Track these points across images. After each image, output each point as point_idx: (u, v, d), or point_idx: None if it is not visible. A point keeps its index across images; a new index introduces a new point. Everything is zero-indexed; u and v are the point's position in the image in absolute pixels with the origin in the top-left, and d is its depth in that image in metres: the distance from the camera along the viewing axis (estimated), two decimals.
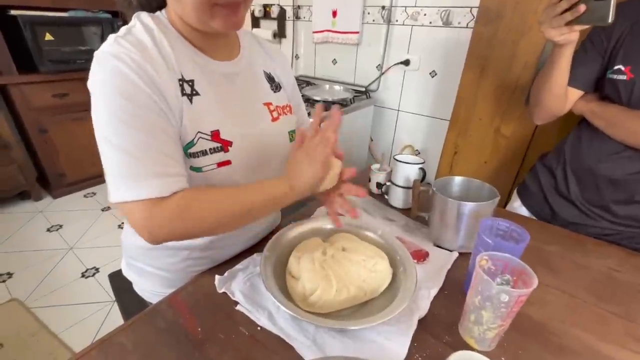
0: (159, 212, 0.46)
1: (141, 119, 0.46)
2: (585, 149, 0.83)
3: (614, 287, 0.64)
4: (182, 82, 0.51)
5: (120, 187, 0.46)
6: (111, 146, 0.45)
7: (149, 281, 0.68)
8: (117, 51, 0.45)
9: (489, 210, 0.67)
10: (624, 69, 0.72)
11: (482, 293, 0.45)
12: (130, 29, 0.50)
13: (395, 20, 1.64)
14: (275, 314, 0.53)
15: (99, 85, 0.46)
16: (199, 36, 0.55)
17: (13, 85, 1.93)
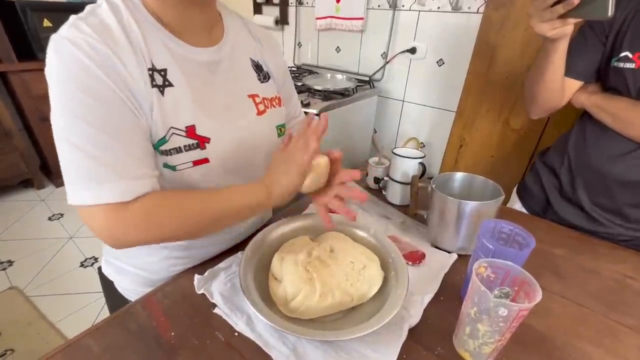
0: (121, 218, 0.43)
1: (101, 115, 0.41)
2: (591, 149, 0.75)
3: (627, 296, 0.59)
4: (152, 71, 0.46)
5: (79, 189, 0.41)
6: (68, 144, 0.41)
7: (128, 280, 0.65)
8: (75, 36, 0.40)
9: (492, 210, 0.62)
10: (631, 56, 0.65)
11: (478, 305, 0.41)
12: (95, 9, 0.44)
13: (402, 6, 1.55)
14: (254, 318, 0.50)
15: (55, 75, 0.41)
16: (174, 15, 0.49)
17: (13, 72, 1.91)
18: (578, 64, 0.73)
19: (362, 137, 1.78)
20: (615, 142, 0.71)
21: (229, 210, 0.49)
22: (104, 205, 0.42)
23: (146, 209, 0.44)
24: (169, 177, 0.50)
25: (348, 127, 1.61)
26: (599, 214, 0.76)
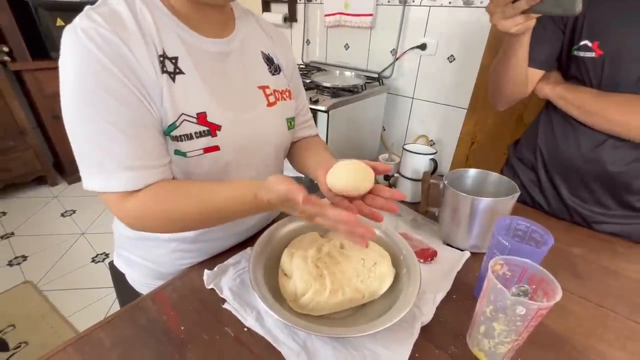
0: (129, 206, 0.45)
1: (109, 107, 0.42)
2: (562, 145, 0.74)
3: None
4: (163, 58, 0.46)
5: (91, 176, 0.44)
6: (77, 132, 0.43)
7: (138, 272, 0.65)
8: (87, 26, 0.41)
9: (507, 207, 0.60)
10: (591, 45, 0.64)
11: (494, 303, 0.40)
12: (106, 1, 0.45)
13: (412, 1, 1.53)
14: (263, 314, 0.49)
15: (68, 66, 0.42)
16: (189, 9, 0.49)
17: (27, 71, 1.95)
18: (539, 53, 0.72)
19: (371, 135, 1.77)
20: (584, 135, 0.70)
21: (226, 210, 0.48)
22: (113, 193, 0.45)
23: (145, 203, 0.46)
24: (180, 164, 0.50)
25: (357, 125, 1.59)
26: (582, 207, 0.75)
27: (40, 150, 2.18)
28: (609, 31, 0.63)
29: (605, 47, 0.63)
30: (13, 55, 1.91)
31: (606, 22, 0.63)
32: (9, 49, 1.89)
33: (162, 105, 0.46)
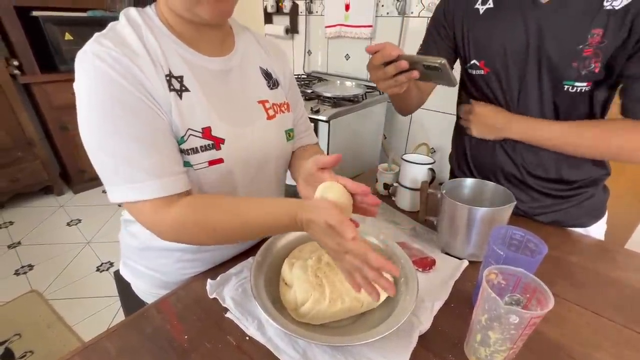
0: (165, 216, 0.47)
1: (128, 120, 0.45)
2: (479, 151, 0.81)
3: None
4: (169, 77, 0.49)
5: (120, 189, 0.46)
6: (102, 150, 0.45)
7: (143, 281, 0.67)
8: (98, 50, 0.44)
9: (503, 216, 0.61)
10: (479, 64, 0.71)
11: (489, 312, 0.41)
12: (115, 26, 0.48)
13: (411, 12, 1.56)
14: (265, 323, 0.50)
15: (83, 88, 0.44)
16: (188, 29, 0.52)
17: (36, 84, 2.00)
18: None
19: (371, 143, 1.79)
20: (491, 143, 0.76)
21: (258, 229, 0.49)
22: (147, 202, 0.46)
23: (183, 216, 0.47)
24: (188, 175, 0.52)
25: (358, 133, 1.61)
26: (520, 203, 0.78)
27: (47, 160, 2.23)
28: (491, 50, 0.68)
29: (491, 65, 0.69)
30: (23, 69, 1.97)
31: (487, 42, 0.68)
32: (19, 63, 1.95)
33: (172, 121, 0.49)
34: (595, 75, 0.60)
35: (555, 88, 0.64)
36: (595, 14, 0.57)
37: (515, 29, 0.65)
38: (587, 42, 0.59)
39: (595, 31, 0.58)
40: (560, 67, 0.62)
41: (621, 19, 0.56)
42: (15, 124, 2.03)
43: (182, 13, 0.49)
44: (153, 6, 0.52)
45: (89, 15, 2.08)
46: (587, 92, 0.63)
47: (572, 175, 0.73)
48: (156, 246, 0.60)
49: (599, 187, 0.77)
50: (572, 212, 0.77)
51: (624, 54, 0.58)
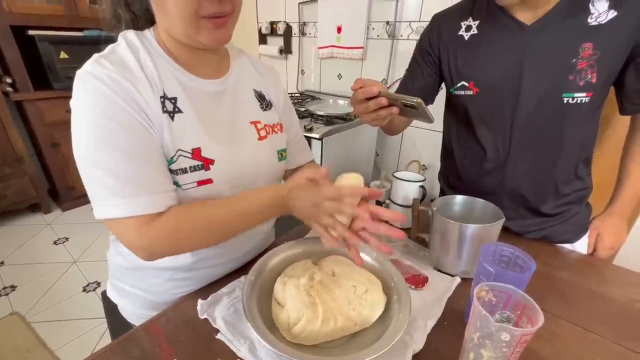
0: (153, 229, 0.47)
1: (123, 138, 0.46)
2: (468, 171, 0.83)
3: (636, 321, 0.58)
4: (163, 99, 0.50)
5: (104, 204, 0.46)
6: (92, 166, 0.46)
7: (131, 303, 0.65)
8: (98, 71, 0.45)
9: (493, 233, 0.62)
10: (468, 85, 0.74)
11: (480, 329, 0.41)
12: (115, 48, 0.50)
13: (400, 35, 1.63)
14: (257, 344, 0.49)
15: (80, 106, 0.45)
16: (185, 52, 0.54)
17: (29, 101, 2.00)
18: (415, 89, 0.83)
19: (364, 161, 1.81)
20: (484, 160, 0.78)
21: (251, 222, 0.53)
22: (131, 218, 0.46)
23: (175, 221, 0.48)
24: (178, 194, 0.53)
25: (350, 151, 1.64)
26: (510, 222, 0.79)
27: (36, 177, 2.19)
28: (481, 71, 0.72)
29: (480, 86, 0.72)
30: (16, 86, 1.97)
31: (476, 65, 0.72)
32: (12, 80, 1.95)
33: (164, 141, 0.50)
34: (592, 86, 0.63)
35: (555, 100, 0.66)
36: (581, 30, 0.62)
37: (505, 50, 0.68)
38: (579, 56, 0.62)
39: (585, 45, 0.62)
40: (557, 81, 0.65)
41: (612, 29, 0.60)
42: (5, 141, 2.00)
43: (182, 39, 0.51)
44: (152, 29, 0.54)
45: (85, 35, 2.11)
46: (585, 103, 0.65)
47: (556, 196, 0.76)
48: (147, 265, 0.59)
49: (582, 205, 0.79)
50: (559, 228, 0.78)
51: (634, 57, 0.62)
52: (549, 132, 0.70)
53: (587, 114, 0.68)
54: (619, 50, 0.62)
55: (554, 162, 0.73)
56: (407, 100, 0.54)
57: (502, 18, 0.68)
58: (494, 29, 0.70)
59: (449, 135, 0.87)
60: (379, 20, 1.66)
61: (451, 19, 0.76)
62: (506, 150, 0.74)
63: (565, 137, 0.70)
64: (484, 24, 0.71)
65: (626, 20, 0.59)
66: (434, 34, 0.78)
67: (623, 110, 0.70)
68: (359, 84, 0.60)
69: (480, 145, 0.77)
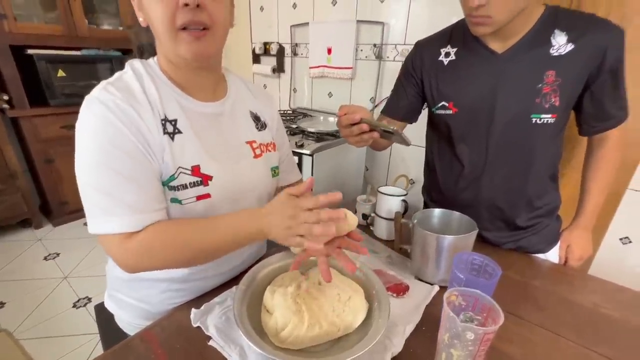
0: (129, 245, 0.50)
1: (122, 162, 0.50)
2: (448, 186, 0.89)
3: (599, 325, 0.62)
4: (164, 121, 0.55)
5: (97, 221, 0.50)
6: (90, 184, 0.50)
7: (128, 313, 0.68)
8: (105, 98, 0.50)
9: (468, 243, 0.67)
10: (448, 105, 0.81)
11: (450, 330, 0.45)
12: (122, 75, 0.55)
13: (387, 57, 1.72)
14: (247, 350, 0.53)
15: (86, 129, 0.50)
16: (181, 74, 0.59)
17: (24, 117, 2.03)
18: (401, 107, 0.91)
19: (354, 175, 1.87)
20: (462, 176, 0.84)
21: (224, 241, 0.54)
22: (116, 234, 0.50)
23: (149, 239, 0.51)
24: (176, 210, 0.57)
25: (340, 166, 1.69)
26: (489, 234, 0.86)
27: (28, 193, 2.19)
28: (460, 93, 0.79)
29: (459, 106, 0.79)
30: (12, 103, 2.00)
31: (455, 88, 0.79)
32: (9, 97, 1.98)
33: (164, 161, 0.54)
34: (556, 108, 0.71)
35: (524, 121, 0.73)
36: (545, 59, 0.69)
37: (480, 75, 0.75)
38: (544, 82, 0.70)
39: (549, 72, 0.69)
40: (526, 104, 0.72)
41: (571, 59, 0.67)
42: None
43: (170, 57, 0.56)
44: (155, 58, 0.60)
45: (83, 54, 2.17)
46: (551, 124, 0.72)
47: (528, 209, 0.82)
48: (144, 277, 0.62)
49: (553, 217, 0.85)
50: (532, 239, 0.84)
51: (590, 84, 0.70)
52: (520, 149, 0.76)
53: (553, 133, 0.75)
54: (577, 78, 0.69)
55: (525, 177, 0.79)
56: (385, 127, 0.61)
57: (477, 47, 0.75)
58: (470, 56, 0.77)
59: (431, 152, 0.94)
60: (366, 42, 1.76)
61: (432, 46, 0.83)
62: (482, 165, 0.80)
63: (535, 154, 0.76)
64: (461, 51, 0.78)
65: (582, 53, 0.67)
66: (417, 58, 0.85)
67: (581, 131, 0.78)
68: (344, 111, 0.67)
69: (459, 161, 0.83)
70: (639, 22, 0.85)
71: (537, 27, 0.69)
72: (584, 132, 0.78)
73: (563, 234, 0.87)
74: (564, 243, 0.86)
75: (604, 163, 0.79)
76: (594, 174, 0.81)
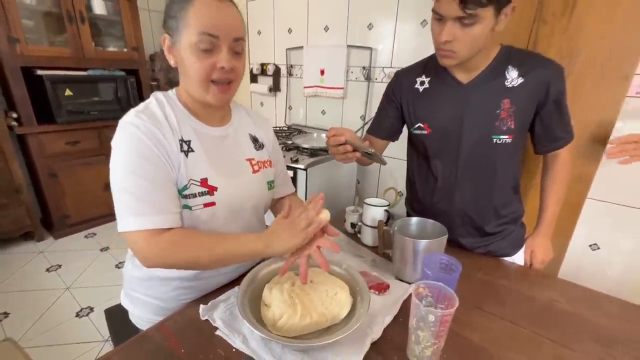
0: (156, 242, 0.60)
1: (149, 171, 0.61)
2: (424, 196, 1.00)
3: (552, 316, 0.72)
4: (181, 141, 0.67)
5: (129, 220, 0.60)
6: (123, 190, 0.61)
7: (143, 309, 0.78)
8: (136, 122, 0.62)
9: (440, 246, 0.77)
10: (423, 126, 0.93)
11: (416, 315, 0.55)
12: (148, 105, 0.67)
13: (375, 79, 1.86)
14: (249, 337, 0.62)
15: (120, 146, 0.61)
16: (198, 107, 0.71)
17: (31, 134, 2.12)
18: (383, 128, 1.02)
19: (346, 188, 1.98)
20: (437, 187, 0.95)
21: (231, 253, 0.64)
22: (146, 230, 0.60)
23: (174, 239, 0.62)
24: (186, 215, 0.68)
25: (333, 180, 1.80)
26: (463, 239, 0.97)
27: (31, 206, 2.26)
28: (433, 116, 0.90)
29: (432, 127, 0.91)
30: (21, 121, 2.10)
31: (428, 111, 0.91)
32: (17, 115, 2.08)
33: (179, 173, 0.65)
34: (512, 130, 0.83)
35: (487, 141, 0.85)
36: (501, 90, 0.82)
37: (449, 101, 0.87)
38: (501, 108, 0.82)
39: (504, 100, 0.82)
40: (488, 126, 0.84)
41: (521, 91, 0.81)
42: (6, 172, 2.10)
43: (196, 97, 0.68)
44: (174, 90, 0.72)
45: (89, 74, 2.29)
46: (509, 143, 0.84)
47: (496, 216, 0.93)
48: (158, 276, 0.72)
49: (517, 225, 0.97)
50: (500, 244, 0.95)
51: (539, 111, 0.83)
52: (484, 165, 0.88)
53: (512, 152, 0.87)
54: (527, 106, 0.82)
55: (491, 189, 0.90)
56: (365, 149, 0.72)
57: (446, 77, 0.88)
58: (441, 85, 0.89)
59: (411, 167, 1.05)
60: (356, 65, 1.91)
61: (410, 75, 0.96)
62: (453, 179, 0.92)
63: (497, 169, 0.88)
64: (434, 80, 0.91)
65: (529, 85, 0.80)
66: (397, 86, 0.98)
67: (535, 150, 0.90)
68: (332, 133, 0.79)
69: (433, 175, 0.95)
70: (586, 55, 0.99)
71: (495, 63, 0.83)
72: (537, 151, 0.91)
73: (527, 241, 0.98)
74: (528, 249, 0.97)
75: (558, 178, 0.92)
76: (549, 188, 0.93)
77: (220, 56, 0.63)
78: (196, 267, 0.67)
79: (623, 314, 0.73)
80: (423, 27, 1.63)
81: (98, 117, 2.36)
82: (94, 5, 2.31)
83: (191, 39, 0.62)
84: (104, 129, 2.41)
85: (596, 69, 0.90)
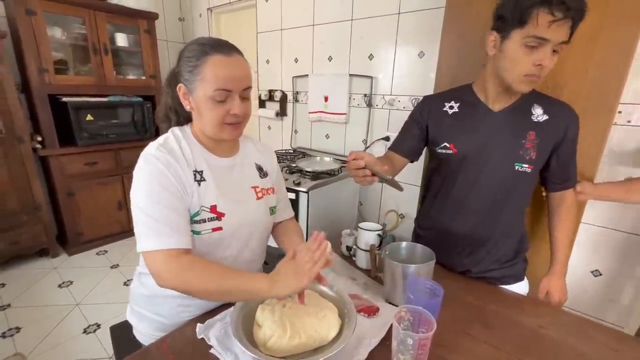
0: (174, 262, 0.66)
1: (166, 198, 0.69)
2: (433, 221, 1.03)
3: (538, 342, 0.74)
4: (195, 172, 0.75)
5: (149, 240, 0.67)
6: (144, 214, 0.68)
7: (147, 325, 0.83)
8: (157, 154, 0.70)
9: (428, 270, 0.81)
10: (449, 146, 0.96)
11: (397, 338, 0.58)
12: (167, 139, 0.75)
13: (376, 105, 1.94)
14: (240, 356, 0.66)
15: (144, 174, 0.69)
16: (210, 141, 0.80)
17: (53, 156, 2.26)
18: (405, 146, 1.04)
19: (348, 210, 2.02)
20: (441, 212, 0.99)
21: (237, 288, 0.67)
22: (164, 250, 0.66)
23: (194, 262, 0.67)
24: (195, 239, 0.74)
25: (334, 202, 1.85)
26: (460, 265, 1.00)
27: (48, 224, 2.37)
28: (460, 137, 0.94)
29: (458, 147, 0.94)
30: (44, 143, 2.25)
31: (456, 133, 0.94)
32: (42, 138, 2.23)
33: (192, 200, 0.73)
34: (533, 161, 0.89)
35: (509, 167, 0.90)
36: (528, 122, 0.88)
37: (478, 125, 0.92)
38: (527, 139, 0.88)
39: (531, 132, 0.88)
40: (512, 153, 0.89)
41: (545, 126, 0.87)
42: (27, 191, 2.22)
43: (210, 135, 0.77)
44: (189, 125, 0.81)
45: (109, 100, 2.45)
46: (528, 173, 0.89)
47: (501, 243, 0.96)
48: (161, 294, 0.77)
49: (520, 258, 1.00)
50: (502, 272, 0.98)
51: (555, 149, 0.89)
52: (500, 189, 0.92)
53: (528, 183, 0.92)
54: (549, 142, 0.88)
55: (500, 215, 0.94)
56: (383, 175, 0.78)
57: (478, 104, 0.93)
58: (472, 110, 0.94)
59: (426, 185, 1.09)
60: (358, 92, 2.00)
61: (438, 100, 1.00)
62: (467, 201, 0.95)
63: (511, 196, 0.92)
64: (463, 106, 0.95)
65: (553, 123, 0.87)
66: (424, 108, 1.01)
67: (547, 189, 0.96)
68: (353, 157, 0.81)
69: (448, 195, 0.98)
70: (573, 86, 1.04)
71: (523, 99, 0.89)
72: (549, 189, 0.97)
73: (542, 282, 1.00)
74: (544, 289, 0.99)
75: (568, 218, 0.96)
76: (561, 228, 0.97)
77: (233, 104, 0.72)
78: (204, 295, 0.70)
79: (609, 341, 0.74)
80: (420, 58, 1.72)
81: (116, 140, 2.50)
82: (117, 39, 2.50)
83: (207, 92, 0.70)
84: (120, 151, 2.54)
85: (580, 103, 0.96)
